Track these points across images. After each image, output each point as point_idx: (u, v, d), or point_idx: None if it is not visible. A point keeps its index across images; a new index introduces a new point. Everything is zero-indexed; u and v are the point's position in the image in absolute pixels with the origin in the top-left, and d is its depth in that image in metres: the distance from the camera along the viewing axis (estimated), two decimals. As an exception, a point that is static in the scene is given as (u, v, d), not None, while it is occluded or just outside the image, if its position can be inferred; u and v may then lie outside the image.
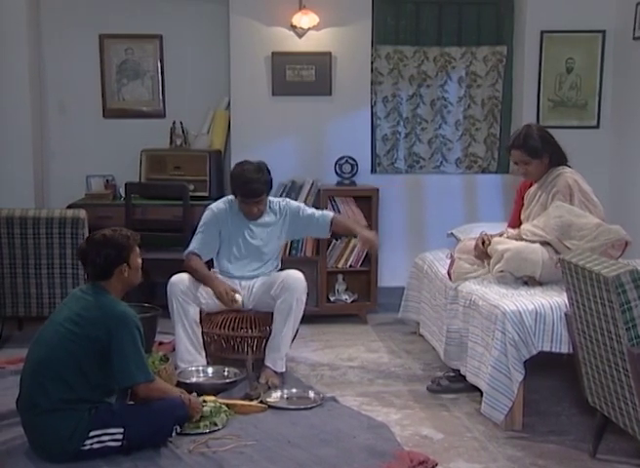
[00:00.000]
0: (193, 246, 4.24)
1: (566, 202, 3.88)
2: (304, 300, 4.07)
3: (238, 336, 4.25)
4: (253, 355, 4.07)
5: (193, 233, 5.07)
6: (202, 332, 4.22)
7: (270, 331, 4.11)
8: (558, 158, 4.03)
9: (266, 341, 4.12)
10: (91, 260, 3.24)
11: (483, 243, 4.01)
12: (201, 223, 4.31)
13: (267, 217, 4.30)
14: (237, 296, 3.96)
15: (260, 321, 4.18)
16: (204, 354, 4.20)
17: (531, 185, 4.15)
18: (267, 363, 4.04)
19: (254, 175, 4.12)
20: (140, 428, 3.14)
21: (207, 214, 4.32)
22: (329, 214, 4.39)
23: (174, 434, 3.26)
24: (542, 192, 4.01)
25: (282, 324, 4.02)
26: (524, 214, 4.10)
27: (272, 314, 4.08)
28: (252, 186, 4.12)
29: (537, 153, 3.98)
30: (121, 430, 3.11)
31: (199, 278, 4.12)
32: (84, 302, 3.18)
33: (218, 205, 4.33)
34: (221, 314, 4.19)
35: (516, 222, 4.20)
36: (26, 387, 3.16)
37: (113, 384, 3.19)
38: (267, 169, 4.22)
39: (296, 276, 4.08)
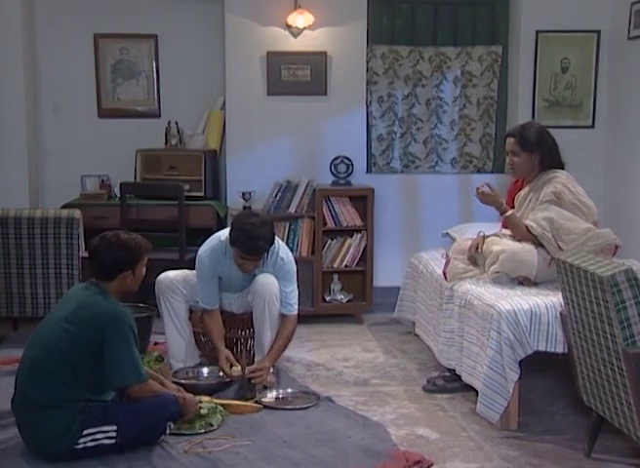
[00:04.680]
0: (203, 301, 4.12)
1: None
2: (276, 301, 4.03)
3: (232, 337, 4.27)
4: (246, 355, 4.08)
5: (188, 234, 5.12)
6: (196, 333, 4.26)
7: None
8: (551, 160, 3.99)
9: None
10: (99, 259, 3.25)
11: (477, 248, 4.01)
12: (198, 274, 4.12)
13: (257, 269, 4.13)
14: (234, 369, 3.93)
15: (252, 322, 4.18)
16: (197, 350, 4.25)
17: (521, 188, 4.14)
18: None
19: (259, 232, 3.85)
20: (134, 425, 3.15)
21: (201, 264, 4.09)
22: (290, 313, 4.09)
23: (167, 431, 3.27)
24: (533, 196, 3.99)
25: (261, 327, 4.05)
26: (515, 216, 4.10)
27: None
28: (255, 243, 3.86)
29: (527, 146, 3.96)
30: (114, 427, 3.12)
31: (210, 342, 4.15)
32: (80, 301, 3.20)
33: (209, 254, 4.09)
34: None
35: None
36: (22, 385, 3.16)
37: (108, 384, 3.20)
38: (272, 222, 4.02)
39: (264, 281, 4.04)
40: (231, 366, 3.95)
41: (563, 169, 4.02)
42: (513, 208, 4.10)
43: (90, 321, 3.11)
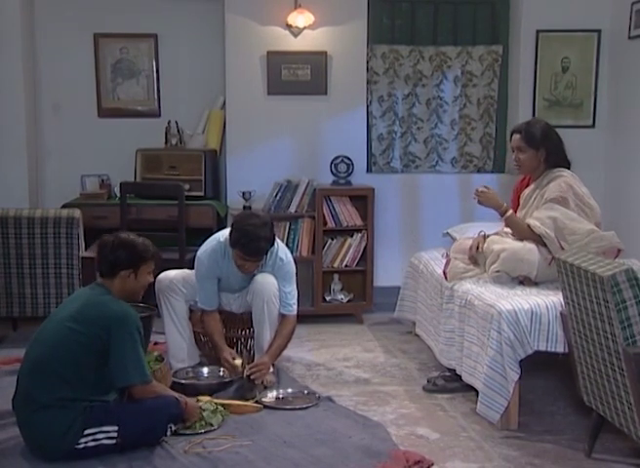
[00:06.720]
0: (202, 302, 4.13)
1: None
2: (275, 301, 4.03)
3: (232, 337, 4.27)
4: (246, 355, 4.07)
5: (188, 234, 5.12)
6: (196, 332, 4.26)
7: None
8: (556, 158, 3.99)
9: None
10: (104, 254, 3.30)
11: (477, 248, 4.01)
12: (197, 275, 4.12)
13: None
14: (237, 362, 3.94)
15: (252, 321, 4.18)
16: (197, 350, 4.26)
17: (527, 185, 4.15)
18: None
19: (260, 233, 3.85)
20: (135, 426, 3.15)
21: (199, 265, 4.10)
22: (289, 313, 4.09)
23: (168, 433, 3.27)
24: (538, 194, 3.99)
25: (260, 326, 4.05)
26: (520, 214, 4.09)
27: None
28: (257, 245, 3.86)
29: (533, 143, 3.96)
30: (115, 428, 3.12)
31: (211, 342, 4.15)
32: (86, 300, 3.21)
33: (208, 255, 4.09)
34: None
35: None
36: (24, 384, 3.17)
37: (111, 383, 3.20)
38: (272, 222, 4.01)
39: (263, 280, 4.04)
40: (234, 358, 3.95)
41: (569, 167, 4.01)
42: (519, 206, 4.10)
43: (96, 320, 3.12)
